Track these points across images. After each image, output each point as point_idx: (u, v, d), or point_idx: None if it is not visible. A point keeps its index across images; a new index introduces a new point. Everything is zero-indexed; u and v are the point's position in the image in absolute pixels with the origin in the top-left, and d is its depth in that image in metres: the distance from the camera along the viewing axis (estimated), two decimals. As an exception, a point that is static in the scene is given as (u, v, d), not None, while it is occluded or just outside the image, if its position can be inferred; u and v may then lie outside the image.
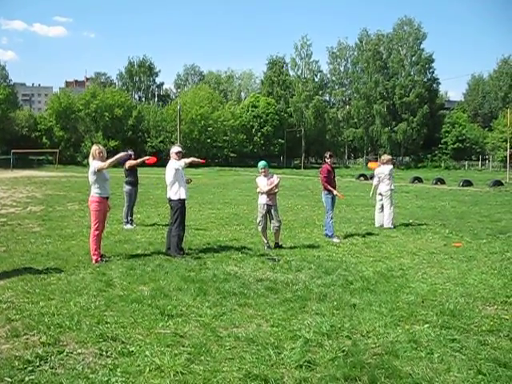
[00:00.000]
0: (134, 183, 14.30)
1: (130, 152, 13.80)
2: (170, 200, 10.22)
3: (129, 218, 14.01)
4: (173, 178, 10.13)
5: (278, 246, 11.00)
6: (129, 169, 14.22)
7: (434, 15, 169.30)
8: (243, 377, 4.54)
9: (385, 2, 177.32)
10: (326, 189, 12.53)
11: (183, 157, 10.50)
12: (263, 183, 11.01)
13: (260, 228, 11.03)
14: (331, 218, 12.43)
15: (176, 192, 10.12)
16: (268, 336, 5.55)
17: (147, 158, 13.82)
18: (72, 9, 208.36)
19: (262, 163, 11.24)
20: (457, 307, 6.66)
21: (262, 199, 11.00)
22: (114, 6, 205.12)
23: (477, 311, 6.57)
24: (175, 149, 10.52)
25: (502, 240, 12.28)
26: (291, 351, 5.11)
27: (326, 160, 12.73)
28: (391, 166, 14.79)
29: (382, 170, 14.75)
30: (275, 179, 11.14)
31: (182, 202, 10.13)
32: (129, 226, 13.78)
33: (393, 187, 14.61)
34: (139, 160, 14.00)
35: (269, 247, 10.85)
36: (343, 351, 5.13)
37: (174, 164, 10.18)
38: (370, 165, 13.83)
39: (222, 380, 4.50)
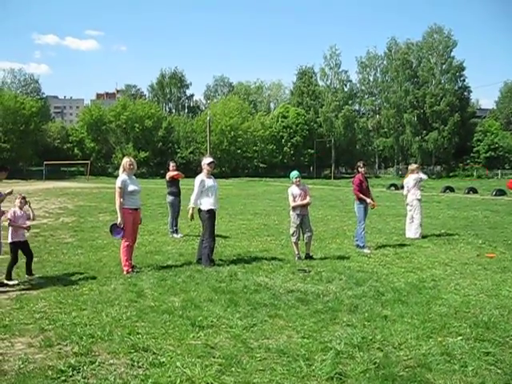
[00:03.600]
0: (175, 194, 14.64)
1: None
2: (200, 211, 10.29)
3: (174, 228, 14.37)
4: (198, 189, 10.21)
5: (309, 256, 10.95)
6: (169, 180, 14.62)
7: (464, 22, 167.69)
8: (274, 388, 4.53)
9: (414, 11, 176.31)
10: (358, 198, 12.44)
11: (215, 167, 10.60)
12: (296, 193, 11.00)
13: (294, 239, 11.00)
14: (363, 229, 12.34)
15: (204, 203, 10.20)
16: (299, 347, 5.53)
17: (176, 173, 14.25)
18: (103, 22, 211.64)
19: (294, 173, 11.21)
20: (491, 319, 6.56)
21: (296, 209, 10.99)
22: (144, 18, 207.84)
23: (512, 324, 6.46)
24: (207, 160, 10.60)
25: (538, 250, 12.07)
26: (322, 363, 5.09)
27: (360, 169, 12.62)
28: (417, 175, 14.65)
29: (409, 179, 14.65)
30: (307, 189, 11.18)
31: (210, 212, 10.19)
32: (175, 235, 14.17)
33: (419, 197, 14.44)
34: (175, 173, 14.38)
35: (299, 258, 10.81)
36: (375, 363, 5.09)
37: (202, 176, 10.32)
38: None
39: (252, 391, 4.50)
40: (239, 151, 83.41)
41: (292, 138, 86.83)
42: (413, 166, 15.27)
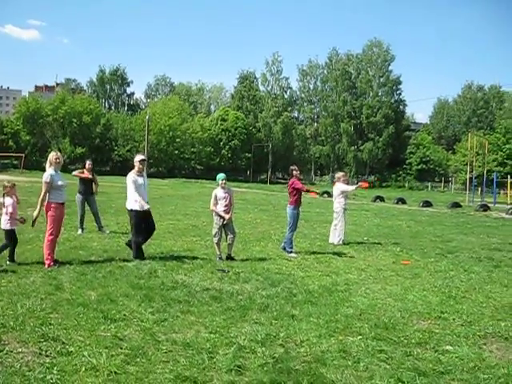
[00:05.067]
0: (82, 193, 14.68)
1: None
2: (129, 209, 10.53)
3: (82, 226, 14.41)
4: (132, 188, 10.44)
5: (230, 257, 11.20)
6: (80, 178, 14.79)
7: (403, 38, 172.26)
8: (174, 378, 4.76)
9: (355, 24, 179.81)
10: (292, 202, 12.61)
11: (148, 166, 10.79)
12: (221, 195, 11.22)
13: (215, 239, 11.23)
14: (293, 234, 12.67)
15: (129, 202, 10.47)
16: (204, 342, 5.77)
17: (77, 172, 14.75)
18: (47, 13, 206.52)
19: (221, 175, 11.38)
20: (391, 321, 6.96)
21: (216, 212, 11.24)
22: (89, 12, 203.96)
23: (410, 325, 6.87)
24: (138, 157, 10.82)
25: (449, 259, 12.69)
26: (224, 356, 5.34)
27: (294, 173, 12.80)
28: (340, 185, 15.06)
29: (336, 187, 15.09)
30: (232, 193, 11.47)
31: (134, 212, 10.44)
32: (104, 232, 14.34)
33: (344, 206, 14.85)
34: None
35: (220, 258, 11.05)
36: (274, 358, 5.38)
37: (131, 175, 10.49)
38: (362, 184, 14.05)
39: (153, 380, 4.71)
40: (177, 152, 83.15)
41: (230, 142, 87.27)
42: (339, 174, 15.71)
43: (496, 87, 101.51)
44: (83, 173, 14.66)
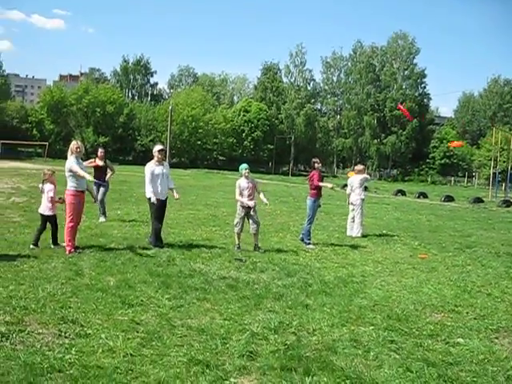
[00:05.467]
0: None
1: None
2: (148, 198, 10.76)
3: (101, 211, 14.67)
4: (149, 177, 10.69)
5: (257, 247, 11.33)
6: (93, 166, 14.86)
7: (430, 30, 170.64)
8: (187, 361, 4.91)
9: (381, 15, 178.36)
10: (312, 195, 12.72)
11: (165, 156, 11.04)
12: (244, 185, 11.34)
13: (236, 229, 11.38)
14: (311, 225, 12.79)
15: (147, 191, 10.73)
16: (219, 328, 5.92)
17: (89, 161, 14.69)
18: (72, 2, 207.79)
19: (244, 165, 11.56)
20: (404, 312, 7.04)
21: (240, 202, 11.37)
22: (113, 2, 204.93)
23: (423, 317, 6.95)
24: (157, 147, 11.06)
25: (466, 254, 12.69)
26: (237, 342, 5.48)
27: (316, 165, 12.90)
28: (363, 176, 15.17)
29: (354, 179, 15.14)
30: (256, 184, 11.68)
31: (150, 200, 10.69)
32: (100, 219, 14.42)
33: (363, 197, 14.95)
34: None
35: (239, 248, 11.20)
36: (285, 345, 5.50)
37: (150, 164, 10.82)
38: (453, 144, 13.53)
39: (167, 363, 4.87)
40: (199, 142, 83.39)
41: (253, 133, 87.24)
42: (360, 167, 15.83)
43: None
44: (94, 161, 14.79)
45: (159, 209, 10.81)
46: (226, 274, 8.69)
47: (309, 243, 12.52)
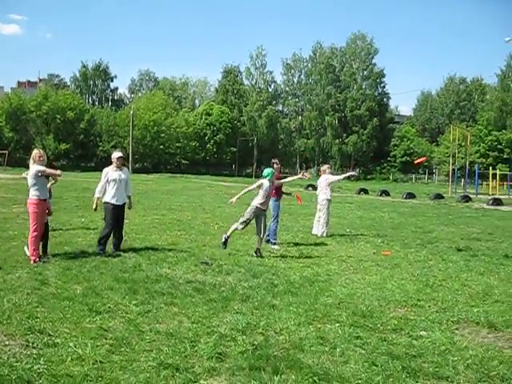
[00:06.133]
0: None
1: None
2: (104, 202, 10.97)
3: None
4: (103, 181, 10.93)
5: (258, 252, 11.36)
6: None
7: (386, 31, 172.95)
8: (157, 365, 4.96)
9: (338, 17, 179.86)
10: (275, 195, 12.98)
11: (124, 163, 11.07)
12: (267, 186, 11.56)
13: (240, 226, 11.61)
14: (277, 226, 13.00)
15: (107, 195, 10.90)
16: (187, 331, 5.98)
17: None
18: (28, 7, 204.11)
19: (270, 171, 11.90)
20: (368, 309, 7.21)
21: (256, 201, 11.52)
22: (72, 6, 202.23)
23: (387, 313, 7.13)
24: (116, 154, 11.08)
25: (428, 249, 12.99)
26: (205, 345, 5.55)
27: (275, 166, 13.09)
28: (328, 176, 15.37)
29: (321, 179, 15.35)
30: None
31: (109, 204, 10.86)
32: None
33: (329, 197, 15.14)
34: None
35: (226, 242, 11.50)
36: (253, 345, 5.60)
37: (106, 169, 11.05)
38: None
39: (137, 368, 4.91)
40: (162, 147, 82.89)
41: (215, 136, 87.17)
42: (324, 167, 16.06)
43: (478, 79, 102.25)
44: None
45: (112, 214, 10.84)
46: (192, 278, 8.74)
47: (274, 243, 12.68)
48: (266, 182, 11.50)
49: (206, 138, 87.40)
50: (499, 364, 5.35)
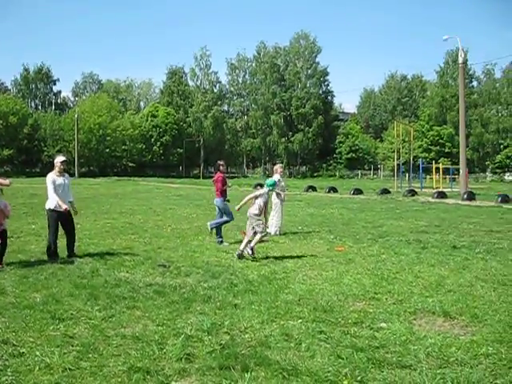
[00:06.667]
0: None
1: None
2: (48, 209, 10.78)
3: None
4: (52, 188, 10.65)
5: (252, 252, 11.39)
6: None
7: (330, 30, 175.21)
8: (127, 369, 4.97)
9: (282, 16, 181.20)
10: (220, 194, 13.19)
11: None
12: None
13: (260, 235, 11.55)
14: (227, 222, 13.34)
15: (48, 201, 10.73)
16: (153, 334, 6.01)
17: None
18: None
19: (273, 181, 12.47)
20: (328, 304, 7.37)
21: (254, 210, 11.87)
22: (11, 9, 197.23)
23: (346, 307, 7.31)
24: (59, 158, 10.96)
25: (380, 243, 13.32)
26: (173, 346, 5.59)
27: (221, 168, 13.41)
28: (278, 176, 15.52)
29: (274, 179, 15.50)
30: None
31: (50, 211, 10.69)
32: None
33: (283, 197, 15.33)
34: None
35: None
36: (220, 345, 5.67)
37: (51, 175, 10.79)
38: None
39: (107, 373, 4.91)
40: (108, 150, 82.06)
41: (161, 138, 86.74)
42: (276, 166, 16.28)
43: (418, 76, 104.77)
44: None
45: (59, 220, 10.73)
46: (151, 281, 8.75)
47: (221, 241, 13.03)
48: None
49: (152, 139, 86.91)
50: (457, 350, 5.60)
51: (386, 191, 37.52)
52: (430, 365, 5.20)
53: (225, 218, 13.38)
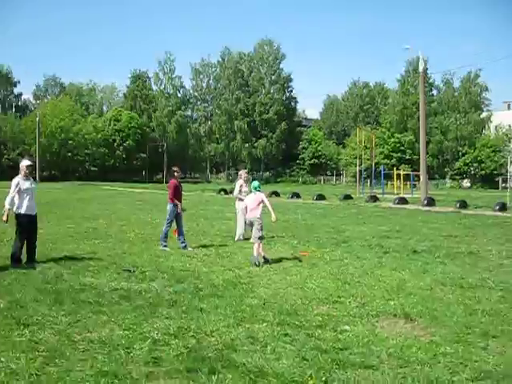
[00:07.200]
0: None
1: None
2: (16, 214, 10.62)
3: None
4: (14, 192, 10.53)
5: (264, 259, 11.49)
6: None
7: (294, 37, 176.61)
8: (95, 374, 5.00)
9: (247, 23, 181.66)
10: (172, 202, 13.30)
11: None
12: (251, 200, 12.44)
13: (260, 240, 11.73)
14: (169, 228, 13.31)
15: (19, 207, 10.58)
16: (120, 338, 6.03)
17: None
18: None
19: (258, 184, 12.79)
20: (293, 307, 7.51)
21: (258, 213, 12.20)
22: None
23: (311, 310, 7.45)
24: (25, 162, 10.86)
25: (343, 248, 13.53)
26: (140, 350, 5.64)
27: (176, 174, 13.56)
28: (241, 181, 15.62)
29: (236, 184, 15.64)
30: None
31: (24, 216, 10.56)
32: None
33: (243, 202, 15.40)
34: None
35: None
36: (187, 348, 5.73)
37: (16, 179, 10.64)
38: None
39: (74, 378, 4.93)
40: (70, 154, 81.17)
41: (124, 142, 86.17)
42: (241, 171, 16.41)
43: (380, 84, 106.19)
44: None
45: (27, 226, 10.61)
46: (117, 286, 8.73)
47: (165, 245, 13.03)
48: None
49: (115, 144, 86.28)
50: (417, 350, 5.80)
51: (348, 197, 37.96)
52: (392, 365, 5.36)
53: (165, 227, 13.39)
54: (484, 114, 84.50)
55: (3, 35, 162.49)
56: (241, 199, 15.24)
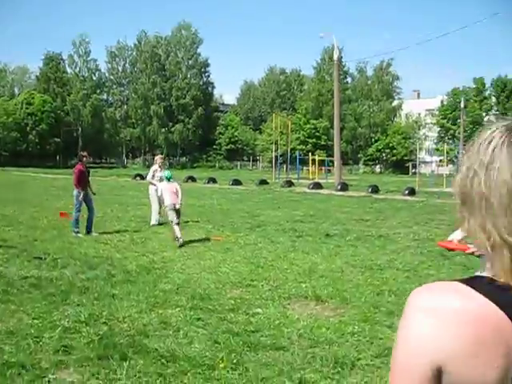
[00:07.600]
0: None
1: None
2: None
3: None
4: None
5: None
6: None
7: (211, 21, 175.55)
8: (1, 365, 4.87)
9: (163, 6, 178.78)
10: (77, 188, 13.10)
11: None
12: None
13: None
14: (79, 213, 13.15)
15: None
16: (29, 328, 5.91)
17: None
18: None
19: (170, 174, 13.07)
20: (206, 292, 7.59)
21: (168, 200, 12.07)
22: None
23: (224, 294, 7.56)
24: None
25: (257, 232, 13.75)
26: (50, 339, 5.55)
27: (83, 159, 13.31)
28: (155, 166, 15.53)
29: (151, 169, 15.54)
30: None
31: None
32: None
33: (155, 187, 15.29)
34: None
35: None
36: (99, 335, 5.70)
37: None
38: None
39: (-22, 370, 4.80)
40: (-22, 138, 77.81)
41: (37, 126, 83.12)
42: (157, 157, 16.34)
43: (297, 71, 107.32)
44: None
45: None
46: (27, 274, 8.52)
47: (77, 232, 12.83)
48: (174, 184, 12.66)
49: (28, 128, 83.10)
50: (326, 330, 6.01)
51: (264, 182, 38.32)
52: (302, 345, 5.54)
53: (74, 212, 13.19)
54: (395, 102, 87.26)
55: None
56: (153, 184, 15.15)
